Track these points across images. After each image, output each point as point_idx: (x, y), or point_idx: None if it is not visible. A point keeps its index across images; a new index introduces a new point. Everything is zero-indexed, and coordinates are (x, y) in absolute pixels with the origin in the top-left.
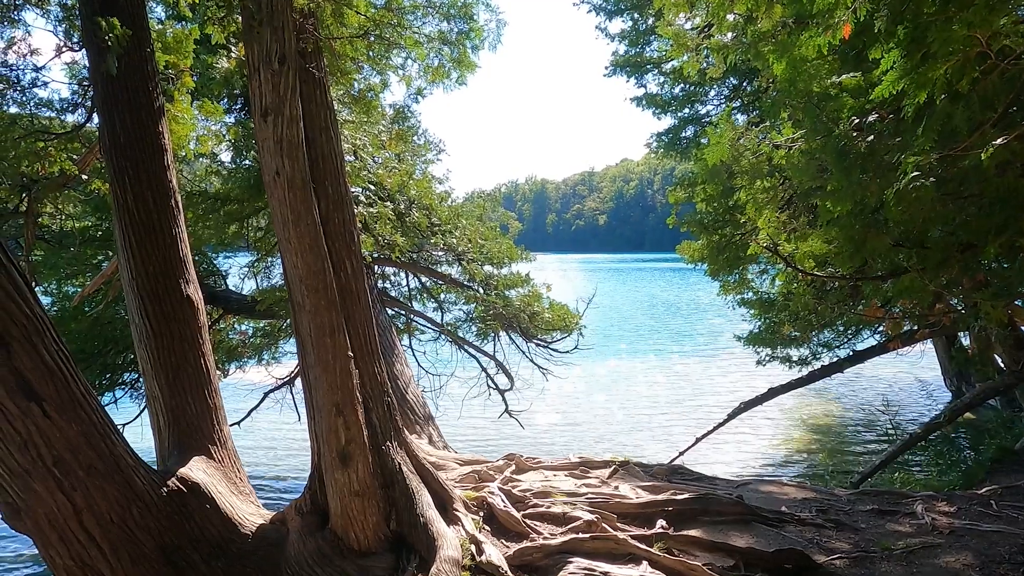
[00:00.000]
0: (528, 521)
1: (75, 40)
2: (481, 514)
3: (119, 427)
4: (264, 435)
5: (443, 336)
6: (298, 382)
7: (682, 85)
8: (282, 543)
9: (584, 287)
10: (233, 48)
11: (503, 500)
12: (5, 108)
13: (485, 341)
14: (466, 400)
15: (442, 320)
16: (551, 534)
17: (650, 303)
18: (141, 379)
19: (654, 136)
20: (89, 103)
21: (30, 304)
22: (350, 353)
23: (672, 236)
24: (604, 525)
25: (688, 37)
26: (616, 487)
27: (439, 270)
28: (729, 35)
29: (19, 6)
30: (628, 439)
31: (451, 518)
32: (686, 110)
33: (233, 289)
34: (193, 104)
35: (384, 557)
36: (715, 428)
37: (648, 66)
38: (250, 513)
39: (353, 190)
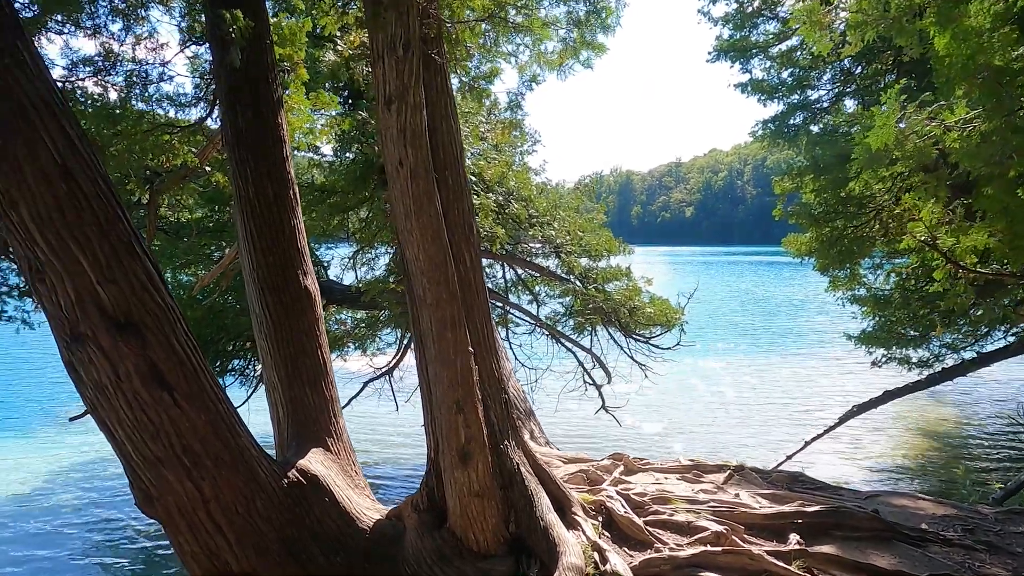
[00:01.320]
0: (650, 529)
1: (198, 34)
2: (600, 519)
3: None
4: (363, 424)
5: (538, 329)
6: (396, 372)
7: (791, 70)
8: (399, 540)
9: (673, 281)
10: (339, 40)
11: (623, 505)
12: (134, 104)
13: (582, 335)
14: (561, 395)
15: (538, 312)
16: (677, 544)
17: (744, 299)
18: (249, 366)
19: (759, 124)
20: (211, 96)
21: (162, 294)
22: (471, 348)
23: (762, 229)
24: (734, 537)
25: (820, 13)
26: (737, 495)
27: (535, 262)
28: (867, 9)
29: (145, 3)
30: (728, 440)
31: (570, 522)
32: (795, 96)
33: (334, 280)
34: (307, 95)
35: (503, 560)
36: (825, 432)
37: (754, 50)
38: (367, 507)
39: None
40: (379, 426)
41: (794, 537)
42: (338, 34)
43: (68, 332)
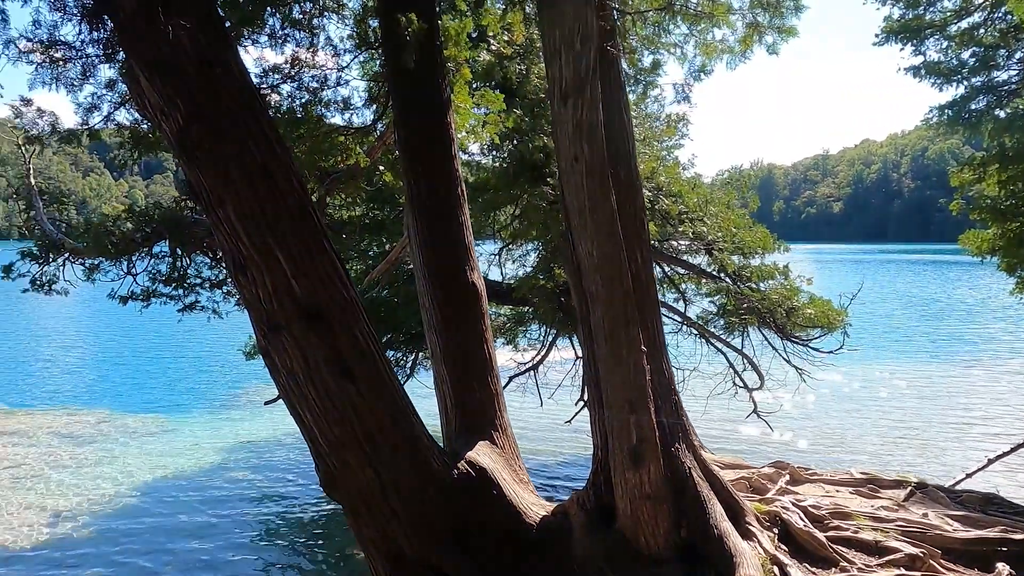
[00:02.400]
0: (834, 546)
1: (371, 40)
2: (775, 531)
3: None
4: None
5: (684, 328)
6: (541, 368)
7: (973, 49)
8: (565, 537)
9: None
10: (492, 40)
11: (801, 517)
12: (317, 111)
13: (732, 336)
14: (710, 397)
15: (685, 311)
16: (866, 565)
17: (905, 301)
18: (404, 358)
19: (934, 109)
20: (383, 98)
21: (347, 288)
22: (643, 348)
23: (920, 225)
24: (932, 562)
25: None
26: (925, 514)
27: (683, 259)
28: None
29: (321, 11)
30: (893, 452)
31: (745, 532)
32: (978, 78)
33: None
34: (472, 94)
35: (675, 567)
36: (1013, 450)
37: (929, 30)
38: (532, 503)
39: None
40: (523, 422)
41: (1004, 568)
42: (491, 34)
43: (266, 322)
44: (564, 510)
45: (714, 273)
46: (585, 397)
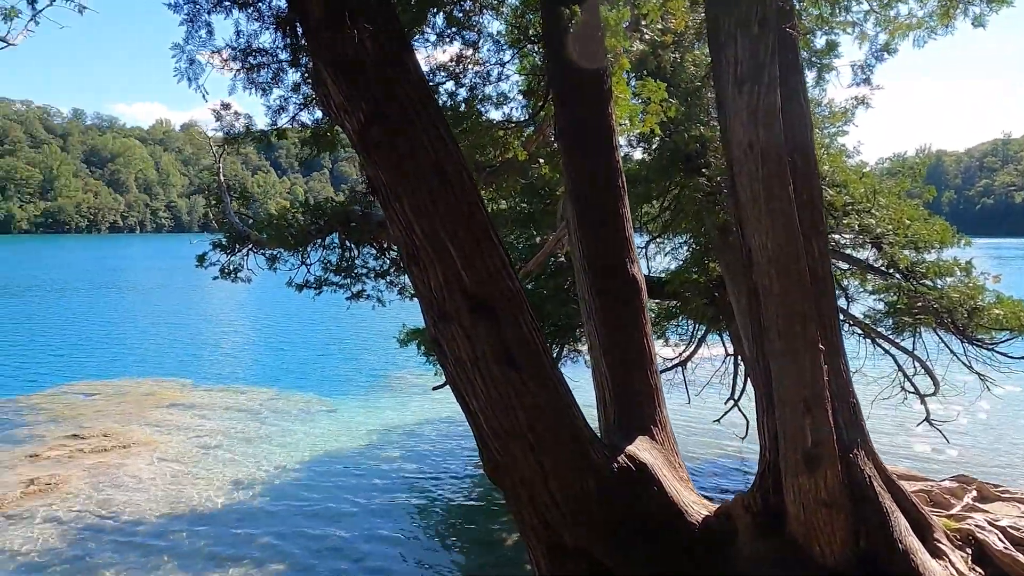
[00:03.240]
0: None
1: (531, 34)
2: (968, 551)
3: None
4: None
5: (848, 327)
6: (690, 364)
7: None
8: (729, 539)
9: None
10: (646, 28)
11: (999, 538)
12: (477, 107)
13: (902, 337)
14: (876, 402)
15: (848, 308)
16: None
17: None
18: (551, 349)
19: None
20: (543, 91)
21: (512, 280)
22: (821, 346)
23: None
24: None
25: None
26: None
27: (846, 253)
28: None
29: (481, 9)
30: None
31: (933, 550)
32: None
33: None
34: (630, 84)
35: None
36: None
37: None
38: (693, 501)
39: None
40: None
41: None
42: (647, 22)
43: (436, 311)
44: (727, 512)
45: (883, 269)
46: (735, 396)
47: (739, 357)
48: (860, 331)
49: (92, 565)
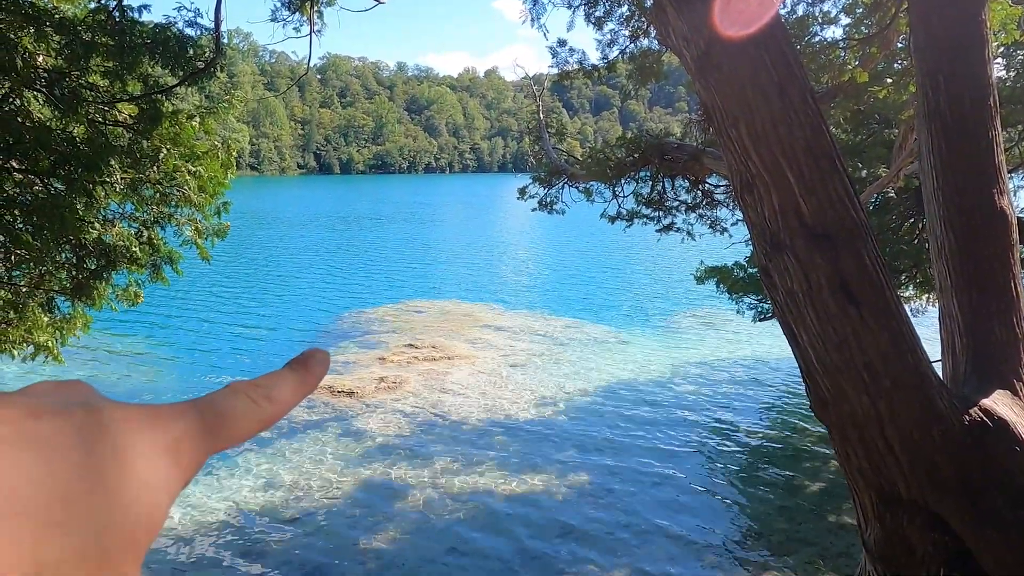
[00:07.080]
0: None
1: None
2: None
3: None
4: None
5: None
6: None
7: None
8: None
9: None
10: None
11: None
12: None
13: None
14: None
15: None
16: None
17: None
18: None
19: None
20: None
21: (856, 210)
22: None
23: None
24: None
25: None
26: None
27: None
28: None
29: None
30: None
31: None
32: None
33: None
34: None
35: None
36: None
37: None
38: None
39: None
40: None
41: None
42: None
43: (768, 240)
44: None
45: None
46: None
47: None
48: None
49: (428, 453)
